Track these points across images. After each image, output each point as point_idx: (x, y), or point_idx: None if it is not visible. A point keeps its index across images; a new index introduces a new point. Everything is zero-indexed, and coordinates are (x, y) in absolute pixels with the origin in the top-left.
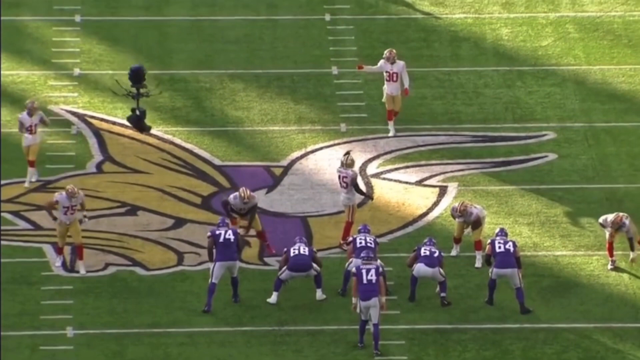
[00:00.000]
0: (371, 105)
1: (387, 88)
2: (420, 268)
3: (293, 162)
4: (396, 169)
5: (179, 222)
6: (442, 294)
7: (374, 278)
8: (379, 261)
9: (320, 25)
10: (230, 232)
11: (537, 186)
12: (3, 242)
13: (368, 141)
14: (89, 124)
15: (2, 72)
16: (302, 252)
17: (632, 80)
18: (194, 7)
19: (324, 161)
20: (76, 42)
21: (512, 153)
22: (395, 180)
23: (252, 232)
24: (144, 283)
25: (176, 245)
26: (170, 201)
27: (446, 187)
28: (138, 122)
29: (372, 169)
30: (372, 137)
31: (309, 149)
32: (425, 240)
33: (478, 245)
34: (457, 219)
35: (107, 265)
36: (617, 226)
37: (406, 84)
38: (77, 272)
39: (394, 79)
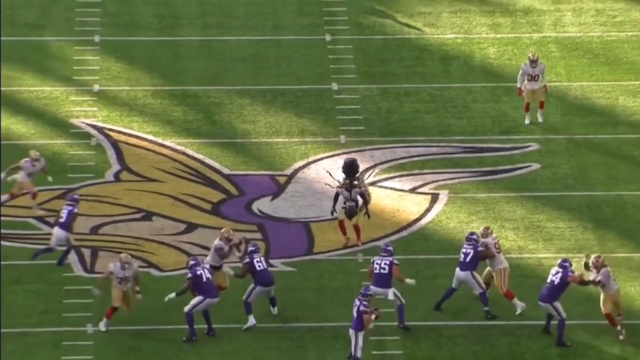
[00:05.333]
0: (368, 118)
1: (529, 85)
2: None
3: (296, 171)
4: (391, 177)
5: (191, 227)
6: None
7: (354, 314)
8: (392, 289)
9: (321, 45)
10: (206, 270)
11: (522, 194)
12: (28, 246)
13: (365, 152)
14: (108, 136)
15: (27, 88)
16: (265, 266)
17: (609, 96)
18: (204, 28)
19: (325, 170)
20: (96, 60)
21: (498, 163)
22: (390, 188)
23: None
24: (158, 283)
25: (188, 248)
26: (183, 207)
27: (438, 194)
28: (352, 211)
29: (369, 177)
30: (369, 148)
31: (311, 159)
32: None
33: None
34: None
35: None
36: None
37: (545, 82)
38: (97, 272)
39: (536, 79)
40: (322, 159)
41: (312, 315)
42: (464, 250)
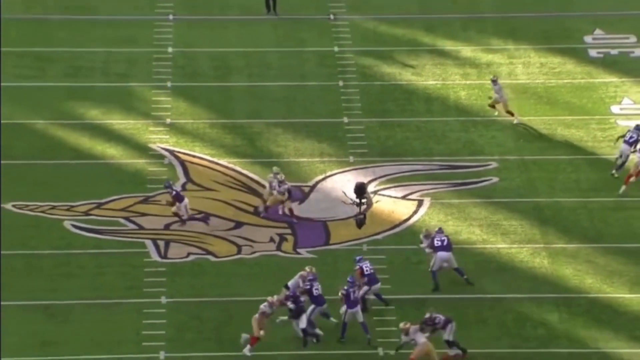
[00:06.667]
0: (370, 144)
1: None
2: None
3: (317, 183)
4: (388, 187)
5: (238, 225)
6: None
7: (357, 298)
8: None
9: (336, 89)
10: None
11: (485, 200)
12: (118, 239)
13: (368, 169)
14: (177, 157)
15: (117, 121)
16: (320, 292)
17: (550, 127)
18: (249, 77)
19: (338, 182)
20: (168, 100)
21: (467, 177)
22: (387, 196)
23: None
24: (214, 267)
25: (236, 240)
26: (232, 210)
27: (422, 200)
28: (362, 222)
29: (371, 187)
30: (371, 165)
31: (328, 174)
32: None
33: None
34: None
35: (189, 254)
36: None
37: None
38: (169, 258)
39: (500, 93)
40: (336, 174)
41: (329, 289)
42: (442, 238)
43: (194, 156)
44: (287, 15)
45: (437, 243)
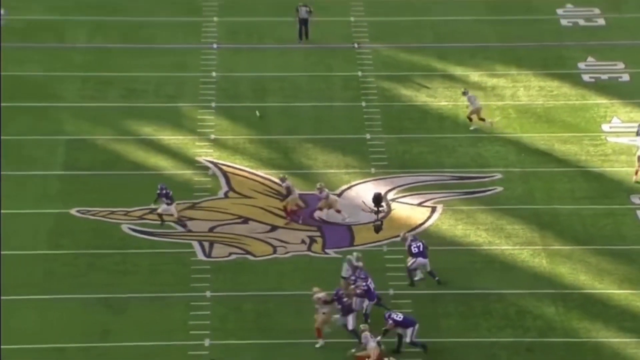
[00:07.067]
0: (390, 157)
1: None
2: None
3: (343, 191)
4: (405, 195)
5: (274, 228)
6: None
7: (373, 289)
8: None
9: (359, 109)
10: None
11: (491, 207)
12: (169, 240)
13: (388, 179)
14: (220, 168)
15: (168, 137)
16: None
17: (547, 143)
18: (283, 97)
19: (362, 191)
20: (212, 119)
21: (475, 187)
22: (404, 203)
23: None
24: (252, 265)
25: (272, 241)
26: (269, 215)
27: (435, 207)
28: (379, 228)
29: (390, 195)
30: (390, 176)
31: (352, 183)
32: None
33: None
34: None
35: (230, 254)
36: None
37: (471, 107)
38: (213, 257)
39: (472, 102)
40: (359, 183)
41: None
42: (418, 244)
43: (235, 168)
44: (317, 44)
45: (414, 250)
